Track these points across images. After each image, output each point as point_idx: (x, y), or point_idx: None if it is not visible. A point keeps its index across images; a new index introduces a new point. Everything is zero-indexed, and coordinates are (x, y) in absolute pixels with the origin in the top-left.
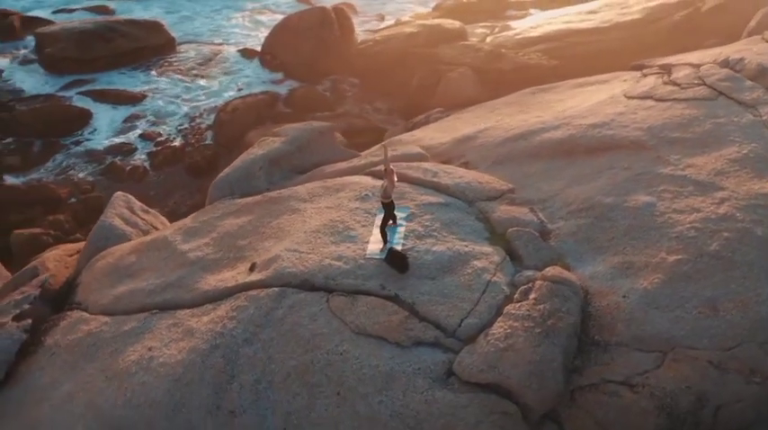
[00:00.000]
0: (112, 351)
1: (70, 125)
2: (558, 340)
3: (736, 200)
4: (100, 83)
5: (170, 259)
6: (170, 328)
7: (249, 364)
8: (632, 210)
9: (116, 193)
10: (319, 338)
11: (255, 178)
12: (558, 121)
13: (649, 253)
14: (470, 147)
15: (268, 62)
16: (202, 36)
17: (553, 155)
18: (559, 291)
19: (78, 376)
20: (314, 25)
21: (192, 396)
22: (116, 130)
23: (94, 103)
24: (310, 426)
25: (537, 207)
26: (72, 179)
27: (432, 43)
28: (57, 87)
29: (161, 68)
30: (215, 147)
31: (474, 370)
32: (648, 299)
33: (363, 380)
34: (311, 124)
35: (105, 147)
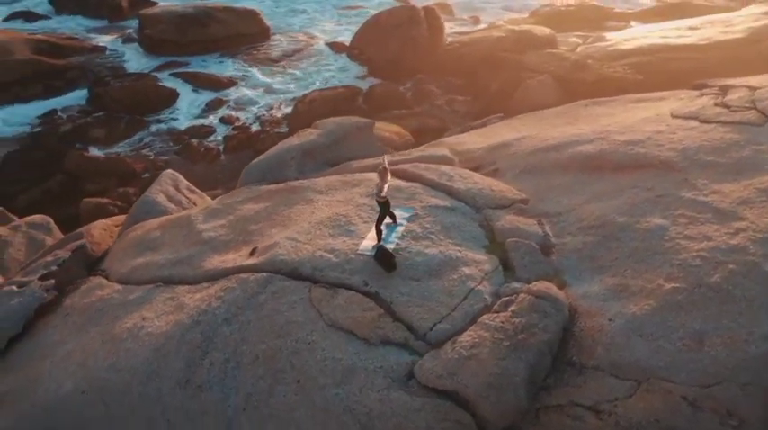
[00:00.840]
0: (114, 317)
1: (157, 104)
2: (526, 355)
3: (753, 232)
4: (192, 66)
5: (187, 237)
6: (166, 302)
7: (223, 343)
8: (642, 232)
9: (165, 171)
10: (292, 326)
11: (287, 167)
12: (594, 135)
13: (648, 277)
14: (503, 155)
15: (355, 57)
16: (296, 27)
17: (581, 169)
18: (541, 306)
19: (81, 337)
20: (402, 23)
21: (166, 367)
22: (199, 113)
23: (184, 84)
24: (268, 410)
25: (550, 220)
26: (149, 155)
27: (518, 49)
28: (151, 67)
29: (252, 56)
30: (287, 136)
31: (433, 375)
32: (634, 324)
33: (324, 372)
34: (350, 119)
35: (186, 127)
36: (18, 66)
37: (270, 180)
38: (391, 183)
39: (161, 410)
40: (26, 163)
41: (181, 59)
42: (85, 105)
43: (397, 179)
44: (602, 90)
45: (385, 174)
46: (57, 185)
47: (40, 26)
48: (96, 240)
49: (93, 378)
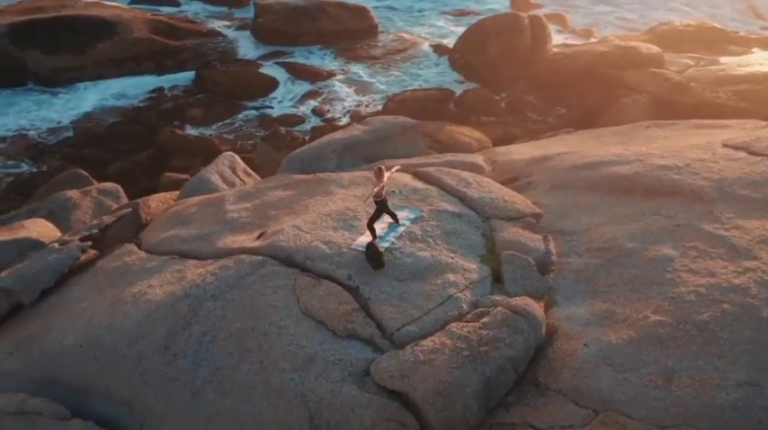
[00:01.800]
0: (128, 282)
1: (256, 90)
2: (483, 368)
3: (762, 273)
4: (296, 57)
5: (215, 215)
6: (173, 273)
7: (205, 317)
8: (647, 260)
9: (225, 152)
10: (270, 310)
11: (326, 159)
12: (635, 157)
13: (637, 307)
14: (542, 168)
15: (456, 60)
16: (405, 27)
17: (611, 189)
18: (515, 322)
19: (97, 297)
20: (505, 30)
21: (151, 332)
22: (294, 102)
23: (285, 74)
24: (231, 384)
25: (562, 238)
26: (237, 139)
27: (621, 65)
28: (258, 55)
29: (355, 52)
30: None
31: (386, 374)
32: (607, 353)
33: (286, 357)
34: (398, 119)
35: (278, 115)
36: (135, 43)
37: (307, 170)
38: (412, 184)
39: (140, 372)
40: (125, 134)
41: (287, 49)
42: (190, 86)
43: (417, 181)
44: (699, 115)
45: (380, 175)
46: (146, 158)
47: (167, 10)
48: (152, 211)
49: (92, 335)
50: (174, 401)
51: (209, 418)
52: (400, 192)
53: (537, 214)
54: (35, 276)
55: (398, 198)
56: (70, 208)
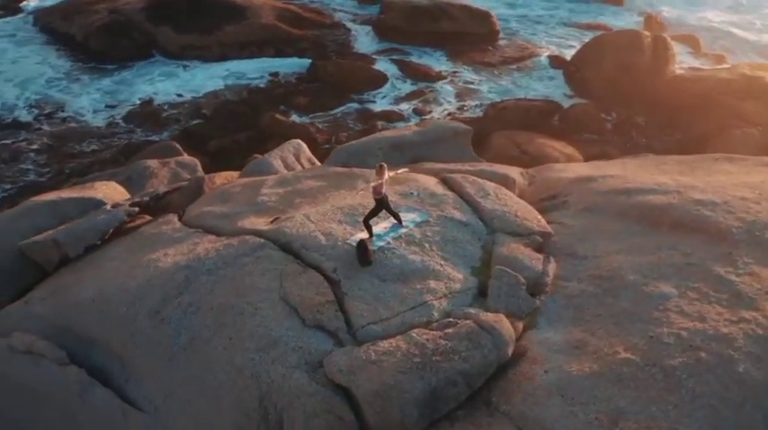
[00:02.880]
0: (153, 249)
1: (365, 84)
2: (430, 377)
3: (756, 326)
4: (410, 55)
5: (250, 197)
6: (189, 245)
7: (196, 289)
8: (643, 295)
9: (292, 140)
10: (252, 290)
11: (372, 156)
12: (676, 188)
13: (612, 341)
14: (582, 189)
15: (570, 74)
16: (526, 36)
17: (639, 218)
18: (478, 337)
19: (126, 259)
20: (623, 47)
21: (148, 297)
22: (397, 99)
23: (396, 71)
24: (201, 355)
25: (571, 261)
26: (335, 131)
27: (741, 95)
28: (374, 50)
29: (469, 56)
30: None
31: (335, 368)
32: (563, 383)
33: (253, 337)
34: (450, 123)
35: (379, 111)
36: (260, 28)
37: (350, 164)
38: (432, 188)
39: (132, 331)
40: (232, 113)
41: (403, 47)
42: (304, 74)
43: (439, 185)
44: None
45: (381, 172)
46: (245, 138)
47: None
48: (216, 186)
49: (104, 292)
50: (153, 363)
51: (179, 383)
52: (417, 194)
53: (546, 233)
54: (82, 233)
55: (413, 200)
56: (147, 176)
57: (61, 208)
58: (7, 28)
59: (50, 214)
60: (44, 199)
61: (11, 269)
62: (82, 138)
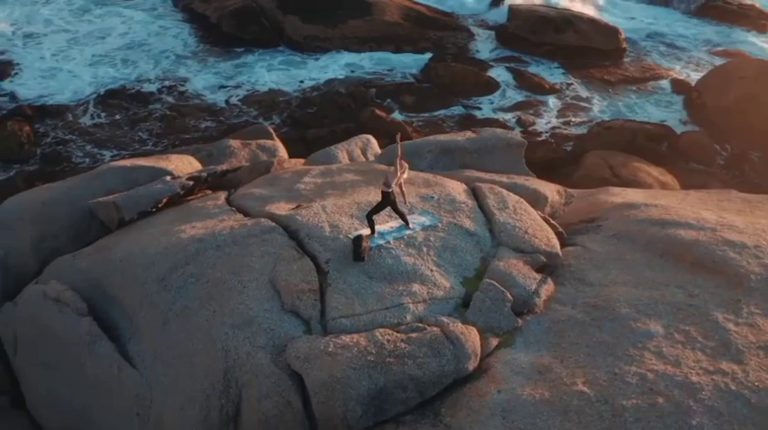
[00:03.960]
0: (187, 220)
1: (473, 89)
2: (378, 378)
3: (730, 381)
4: (527, 65)
5: (291, 184)
6: (216, 221)
7: (201, 262)
8: (627, 330)
9: (363, 135)
10: (246, 269)
11: (421, 158)
12: (711, 225)
13: (576, 372)
14: (620, 215)
15: (691, 100)
16: (654, 56)
17: (664, 252)
18: (440, 346)
19: (163, 226)
20: (750, 77)
21: (160, 263)
22: (504, 108)
23: (510, 79)
24: (188, 323)
25: (575, 286)
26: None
27: None
28: (492, 56)
29: (588, 72)
30: (563, 153)
31: (293, 354)
32: (509, 406)
33: (233, 313)
34: (507, 134)
35: (482, 117)
36: (384, 25)
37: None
38: (454, 195)
39: (141, 293)
40: (338, 105)
41: (523, 56)
42: (416, 73)
43: (463, 193)
44: None
45: (400, 165)
46: (343, 130)
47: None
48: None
49: (131, 254)
50: (150, 325)
51: (166, 346)
52: (438, 199)
53: (552, 254)
54: (138, 199)
55: (431, 204)
56: (227, 154)
57: (133, 174)
58: (146, 5)
59: (122, 179)
60: (120, 164)
61: (80, 224)
62: (198, 114)
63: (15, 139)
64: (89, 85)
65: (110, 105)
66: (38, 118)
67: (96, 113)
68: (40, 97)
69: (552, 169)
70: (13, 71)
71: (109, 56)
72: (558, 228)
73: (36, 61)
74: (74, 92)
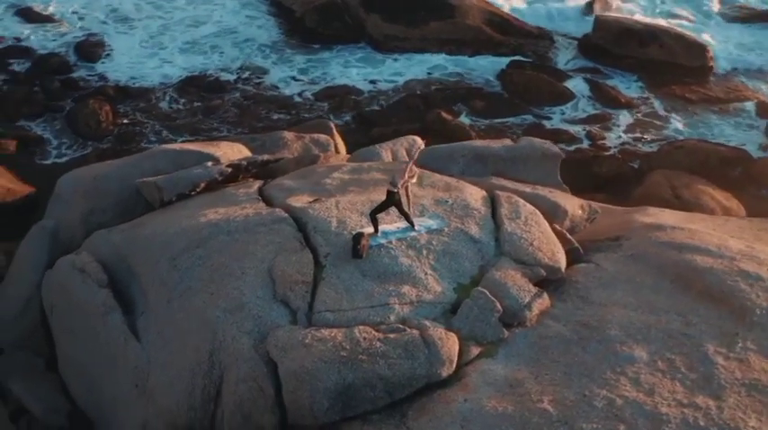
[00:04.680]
0: (213, 206)
1: (546, 99)
2: (348, 374)
3: (701, 416)
4: (606, 77)
5: (320, 178)
6: (237, 208)
7: (210, 245)
8: (611, 353)
9: (410, 136)
10: (249, 257)
11: (453, 162)
12: (731, 254)
13: (547, 390)
14: (644, 236)
15: None
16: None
17: (676, 277)
18: (415, 349)
19: (193, 209)
20: None
21: (175, 244)
22: (575, 120)
23: (585, 91)
24: (188, 303)
25: (576, 305)
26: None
27: None
28: (571, 67)
29: (669, 89)
30: (629, 169)
31: (272, 342)
32: (471, 415)
33: (228, 297)
34: (543, 144)
35: (550, 128)
36: (464, 29)
37: (429, 166)
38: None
39: (155, 271)
40: (407, 105)
41: (603, 68)
42: (491, 78)
43: (480, 199)
44: None
45: (410, 166)
46: (406, 131)
47: (516, 7)
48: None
49: (155, 233)
50: (157, 302)
51: (167, 324)
52: (452, 203)
53: (554, 269)
54: (177, 181)
55: (443, 208)
56: (280, 146)
57: (181, 157)
58: None
59: (171, 161)
60: (171, 147)
61: (127, 201)
62: (271, 105)
63: (94, 118)
64: (174, 71)
65: (188, 92)
66: (119, 99)
67: (174, 98)
68: (128, 80)
69: (614, 185)
70: (105, 53)
71: (197, 43)
72: (573, 244)
73: (127, 45)
74: (162, 76)
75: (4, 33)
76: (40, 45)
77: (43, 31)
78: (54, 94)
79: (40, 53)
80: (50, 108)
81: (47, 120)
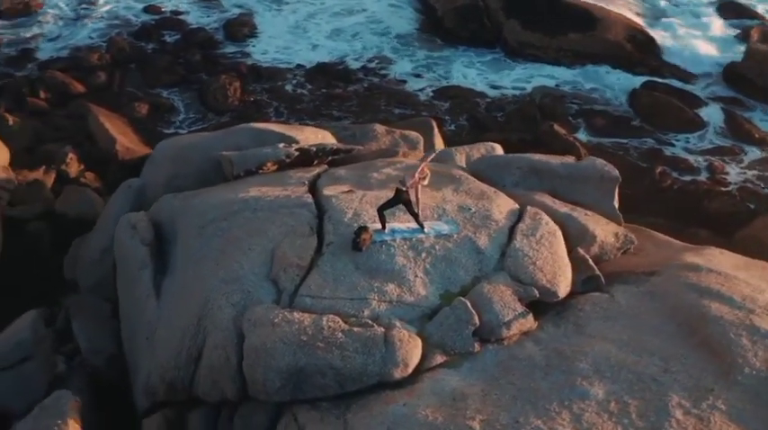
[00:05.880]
0: (261, 185)
1: (675, 125)
2: (300, 358)
3: None
4: (747, 110)
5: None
6: (278, 190)
7: (235, 220)
8: (567, 386)
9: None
10: (261, 235)
11: (507, 172)
12: (751, 306)
13: (485, 410)
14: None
15: None
16: None
17: (684, 321)
18: (373, 346)
19: (244, 187)
20: None
21: (208, 214)
22: (699, 151)
23: (719, 121)
24: (199, 270)
25: (559, 329)
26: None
27: None
28: (709, 93)
29: None
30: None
31: (247, 316)
32: (400, 420)
33: (228, 269)
34: (603, 165)
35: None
36: (603, 43)
37: (480, 172)
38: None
39: (187, 238)
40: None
41: (747, 100)
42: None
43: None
44: None
45: (420, 172)
46: (516, 139)
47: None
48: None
49: (202, 202)
50: (180, 265)
51: (179, 287)
52: (473, 211)
53: (549, 292)
54: (247, 158)
55: (463, 215)
56: (369, 137)
57: (262, 136)
58: None
59: (253, 139)
60: (256, 125)
61: (208, 171)
62: (394, 99)
63: (222, 92)
64: (311, 57)
65: (316, 78)
66: (251, 77)
67: (302, 83)
68: (264, 60)
69: (722, 223)
70: (251, 33)
71: (342, 31)
72: (594, 271)
73: (275, 28)
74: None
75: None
76: (194, 20)
77: (201, 7)
78: (194, 66)
79: (191, 27)
80: (187, 79)
81: (181, 90)
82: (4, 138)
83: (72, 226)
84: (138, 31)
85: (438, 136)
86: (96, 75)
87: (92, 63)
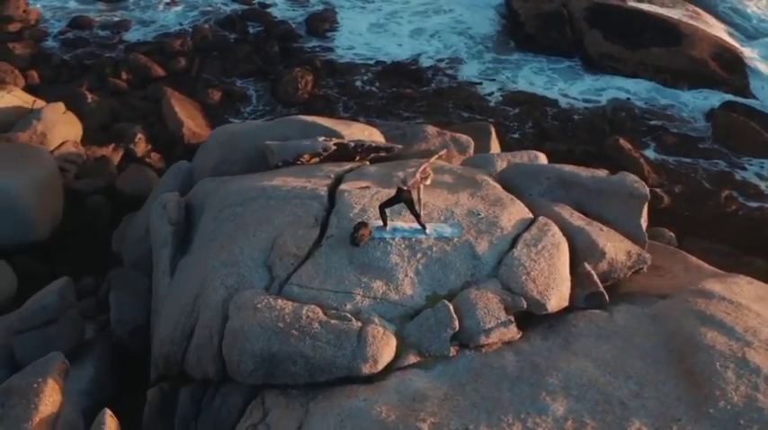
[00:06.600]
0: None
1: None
2: (273, 342)
3: None
4: None
5: (399, 169)
6: (301, 181)
7: (249, 206)
8: (531, 400)
9: (532, 150)
10: (268, 223)
11: (536, 182)
12: (752, 338)
13: (440, 414)
14: (684, 299)
15: None
16: None
17: (676, 347)
18: (346, 339)
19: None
20: None
21: (229, 199)
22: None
23: None
24: (207, 251)
25: (551, 344)
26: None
27: None
28: None
29: None
30: None
31: (234, 301)
32: (354, 415)
33: (230, 253)
34: (634, 182)
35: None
36: (686, 59)
37: (508, 181)
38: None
39: (206, 220)
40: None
41: None
42: (698, 116)
43: (518, 221)
44: None
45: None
46: (580, 152)
47: None
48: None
49: (228, 187)
50: (194, 246)
51: (188, 267)
52: (481, 217)
53: (538, 304)
54: (286, 149)
55: (471, 220)
56: (420, 138)
57: (308, 128)
58: None
59: (299, 130)
60: (304, 118)
61: (254, 159)
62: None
63: (294, 84)
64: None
65: (388, 76)
66: (324, 72)
67: (372, 80)
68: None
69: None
70: (332, 29)
71: (423, 31)
72: (598, 288)
73: (356, 25)
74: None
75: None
76: (280, 13)
77: (288, 2)
78: (271, 57)
79: (275, 20)
80: (263, 70)
81: (256, 80)
82: (81, 115)
83: (128, 202)
84: (223, 20)
85: (495, 141)
86: (177, 59)
87: (175, 48)
